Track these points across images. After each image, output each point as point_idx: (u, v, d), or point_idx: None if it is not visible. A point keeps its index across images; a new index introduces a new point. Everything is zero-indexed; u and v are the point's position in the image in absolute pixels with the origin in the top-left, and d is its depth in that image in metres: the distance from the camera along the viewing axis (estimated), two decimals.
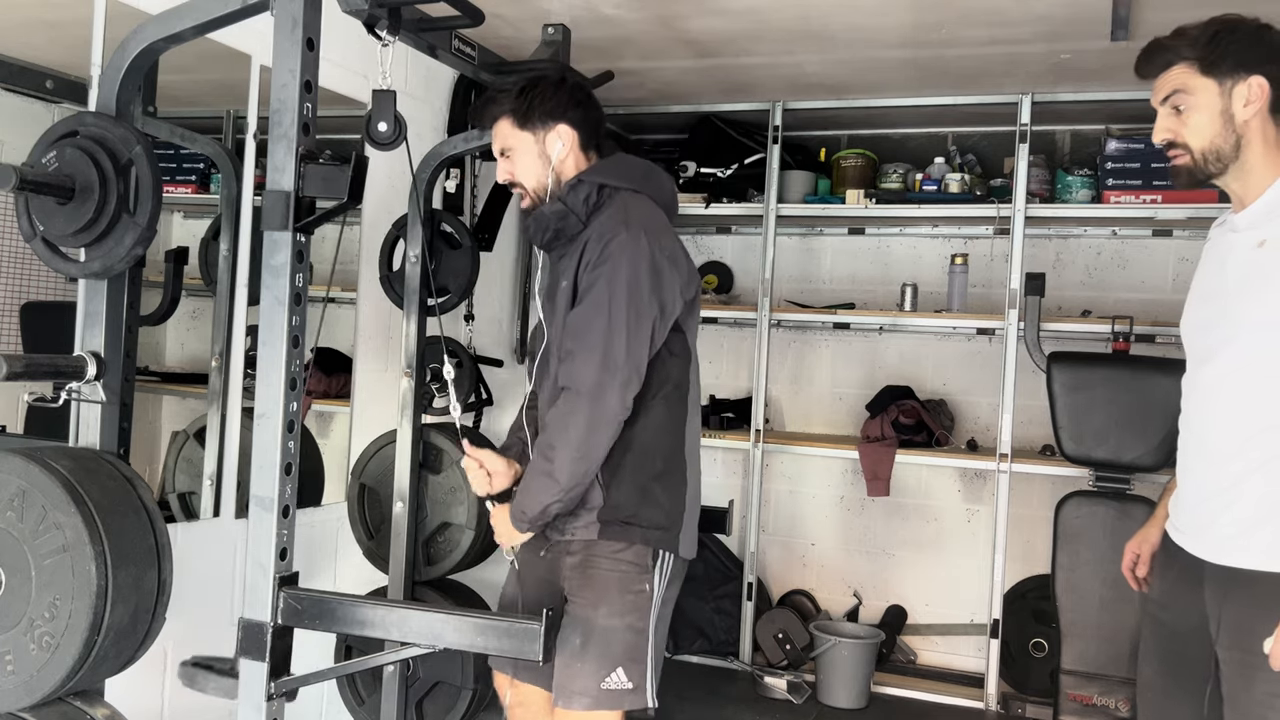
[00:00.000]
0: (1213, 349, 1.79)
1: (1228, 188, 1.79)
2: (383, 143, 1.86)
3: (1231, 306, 1.74)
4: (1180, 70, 1.75)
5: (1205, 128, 1.73)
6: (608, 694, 2.03)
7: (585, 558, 2.10)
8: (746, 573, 4.16)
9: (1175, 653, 1.85)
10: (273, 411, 1.68)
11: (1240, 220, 1.76)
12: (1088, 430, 3.45)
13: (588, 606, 2.06)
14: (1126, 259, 4.14)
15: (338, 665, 2.61)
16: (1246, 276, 1.72)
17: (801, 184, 4.22)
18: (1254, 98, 1.70)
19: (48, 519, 1.59)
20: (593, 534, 2.08)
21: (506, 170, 2.18)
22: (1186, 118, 1.75)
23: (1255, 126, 1.72)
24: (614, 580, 2.07)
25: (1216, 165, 1.75)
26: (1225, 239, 1.81)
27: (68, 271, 1.83)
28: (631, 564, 2.08)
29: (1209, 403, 1.79)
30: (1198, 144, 1.75)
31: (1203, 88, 1.73)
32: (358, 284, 3.12)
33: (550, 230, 2.11)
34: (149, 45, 1.79)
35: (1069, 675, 3.44)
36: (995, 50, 3.32)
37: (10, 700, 1.61)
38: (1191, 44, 1.74)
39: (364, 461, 2.89)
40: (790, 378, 4.63)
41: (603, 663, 2.03)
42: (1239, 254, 1.75)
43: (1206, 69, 1.72)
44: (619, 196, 2.11)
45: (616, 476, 2.08)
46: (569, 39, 2.75)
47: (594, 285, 2.00)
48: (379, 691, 2.81)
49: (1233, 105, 1.71)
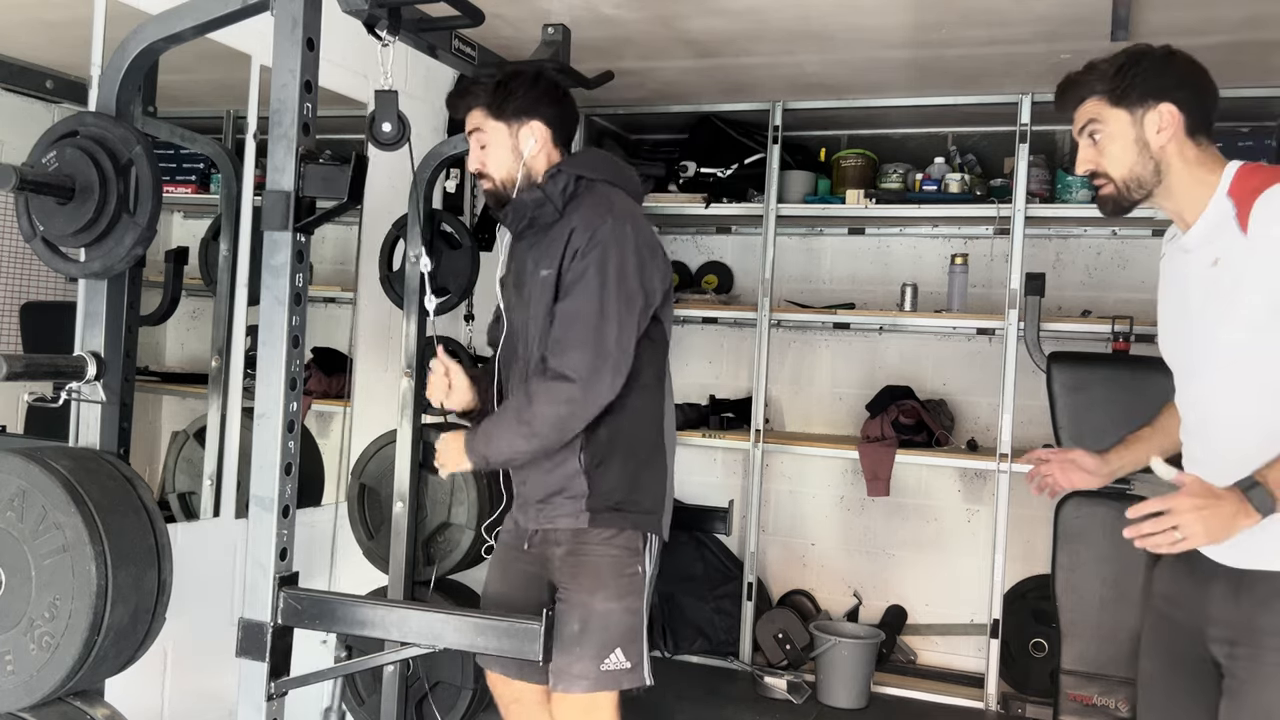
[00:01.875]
0: (1195, 366, 1.82)
1: (1164, 210, 1.84)
2: (386, 143, 1.87)
3: (1199, 327, 1.78)
4: (1093, 103, 1.80)
5: (1122, 156, 1.78)
6: (607, 675, 2.06)
7: (575, 546, 2.12)
8: (746, 573, 4.16)
9: (1180, 651, 1.85)
10: (273, 411, 1.69)
11: (1189, 240, 1.80)
12: (1088, 430, 3.45)
13: (584, 593, 2.08)
14: (1126, 259, 4.14)
15: (338, 665, 2.61)
16: (1208, 295, 1.75)
17: (801, 184, 4.22)
18: (1165, 124, 1.74)
19: (48, 519, 1.59)
20: (583, 522, 2.11)
21: (478, 159, 2.19)
22: (1104, 148, 1.79)
23: (1172, 151, 1.75)
24: (607, 565, 2.10)
25: (1139, 192, 1.79)
26: (1181, 258, 1.84)
27: (68, 271, 1.83)
28: (624, 548, 2.11)
29: (1207, 413, 1.82)
30: (1118, 173, 1.79)
31: (1114, 118, 1.77)
32: (357, 284, 3.12)
33: (527, 218, 2.15)
34: (149, 45, 1.79)
35: (1069, 675, 3.44)
36: (995, 50, 3.32)
37: (10, 700, 1.61)
38: (1100, 77, 1.79)
39: (364, 461, 2.89)
40: (790, 378, 4.63)
41: (602, 646, 2.06)
42: (1196, 273, 1.78)
43: (1116, 100, 1.77)
44: (597, 188, 2.15)
45: (605, 465, 2.12)
46: (569, 39, 2.75)
47: (585, 273, 2.03)
48: (379, 691, 2.81)
49: (1146, 133, 1.75)
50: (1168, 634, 1.90)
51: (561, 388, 2.01)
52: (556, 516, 2.13)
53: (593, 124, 4.50)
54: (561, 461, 2.11)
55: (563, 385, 2.01)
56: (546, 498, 2.14)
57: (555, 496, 2.13)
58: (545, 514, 2.15)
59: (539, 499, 2.16)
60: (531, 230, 2.16)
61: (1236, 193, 1.71)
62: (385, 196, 3.02)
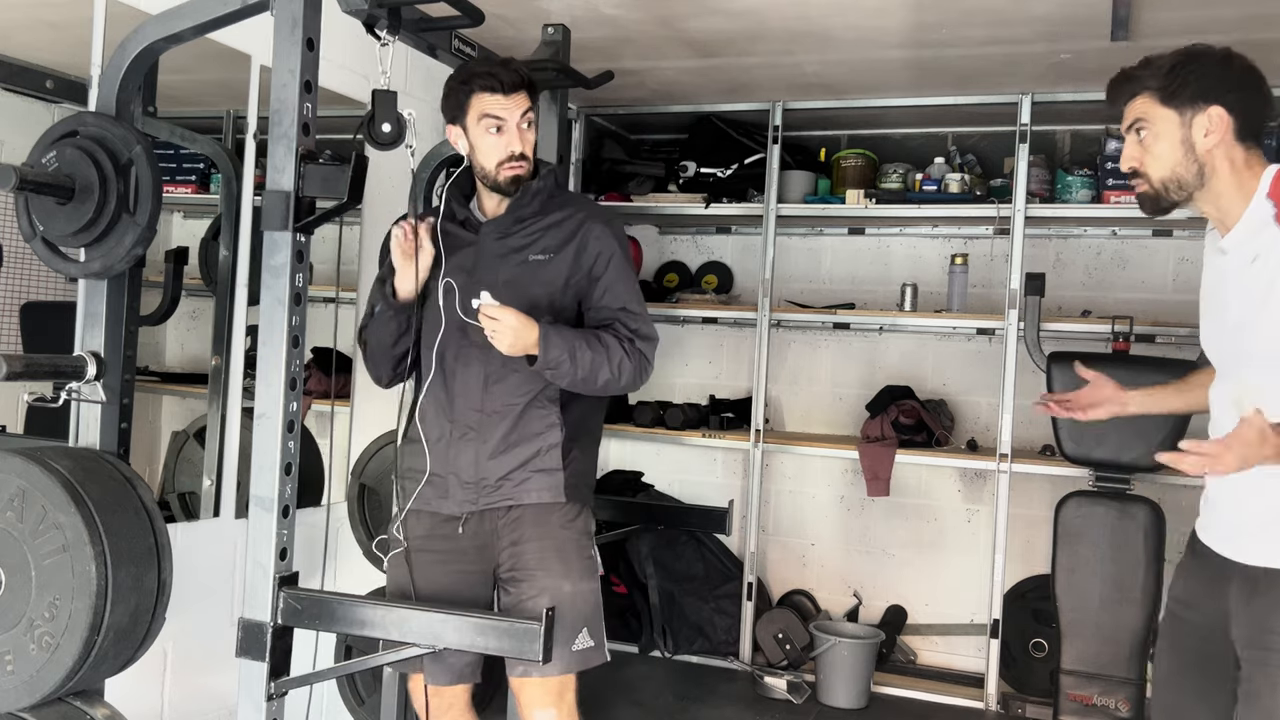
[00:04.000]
0: (1235, 361, 1.81)
1: (1203, 212, 1.82)
2: (384, 143, 1.87)
3: (1236, 325, 1.77)
4: (1143, 100, 1.78)
5: (1166, 157, 1.76)
6: (577, 654, 2.11)
7: (540, 529, 2.13)
8: (746, 573, 4.16)
9: (1196, 651, 1.85)
10: (273, 411, 1.69)
11: (1228, 243, 1.79)
12: (1088, 430, 3.44)
13: (555, 576, 2.12)
14: (1126, 259, 4.14)
15: (338, 665, 2.61)
16: (1246, 293, 1.74)
17: (801, 184, 4.22)
18: (1214, 128, 1.72)
19: (48, 519, 1.59)
20: (559, 496, 2.14)
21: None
22: (1149, 146, 1.78)
23: (1219, 155, 1.74)
24: (573, 548, 2.16)
25: (1179, 193, 1.78)
26: (1218, 260, 1.83)
27: (68, 271, 1.83)
28: (583, 531, 2.20)
29: (1235, 412, 1.80)
30: (1157, 174, 1.77)
31: (1163, 118, 1.75)
32: (358, 284, 3.12)
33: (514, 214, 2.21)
34: (149, 45, 1.80)
35: (1069, 675, 3.44)
36: (995, 50, 3.32)
37: (10, 700, 1.61)
38: (1154, 74, 1.76)
39: (364, 461, 2.89)
40: (790, 378, 4.63)
41: (574, 629, 2.11)
42: (1234, 272, 1.77)
43: (1166, 99, 1.75)
44: (567, 191, 2.29)
45: (580, 443, 2.20)
46: (569, 39, 2.75)
47: (612, 260, 2.18)
48: (379, 691, 2.81)
49: (1193, 135, 1.74)
50: (1181, 635, 1.90)
51: (646, 350, 2.15)
52: (525, 492, 2.13)
53: (593, 124, 4.50)
54: (536, 435, 2.14)
55: (646, 346, 2.16)
56: (510, 472, 2.13)
57: (524, 470, 2.14)
58: (505, 491, 2.13)
59: (501, 475, 2.13)
60: (504, 221, 2.19)
61: (1277, 194, 1.70)
62: (385, 196, 3.02)
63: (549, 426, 2.14)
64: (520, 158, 2.14)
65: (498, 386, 2.14)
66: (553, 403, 2.16)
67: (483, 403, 2.15)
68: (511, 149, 2.13)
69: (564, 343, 2.03)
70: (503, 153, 2.13)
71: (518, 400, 2.14)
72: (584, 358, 2.05)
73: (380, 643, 1.94)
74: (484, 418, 2.14)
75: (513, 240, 2.18)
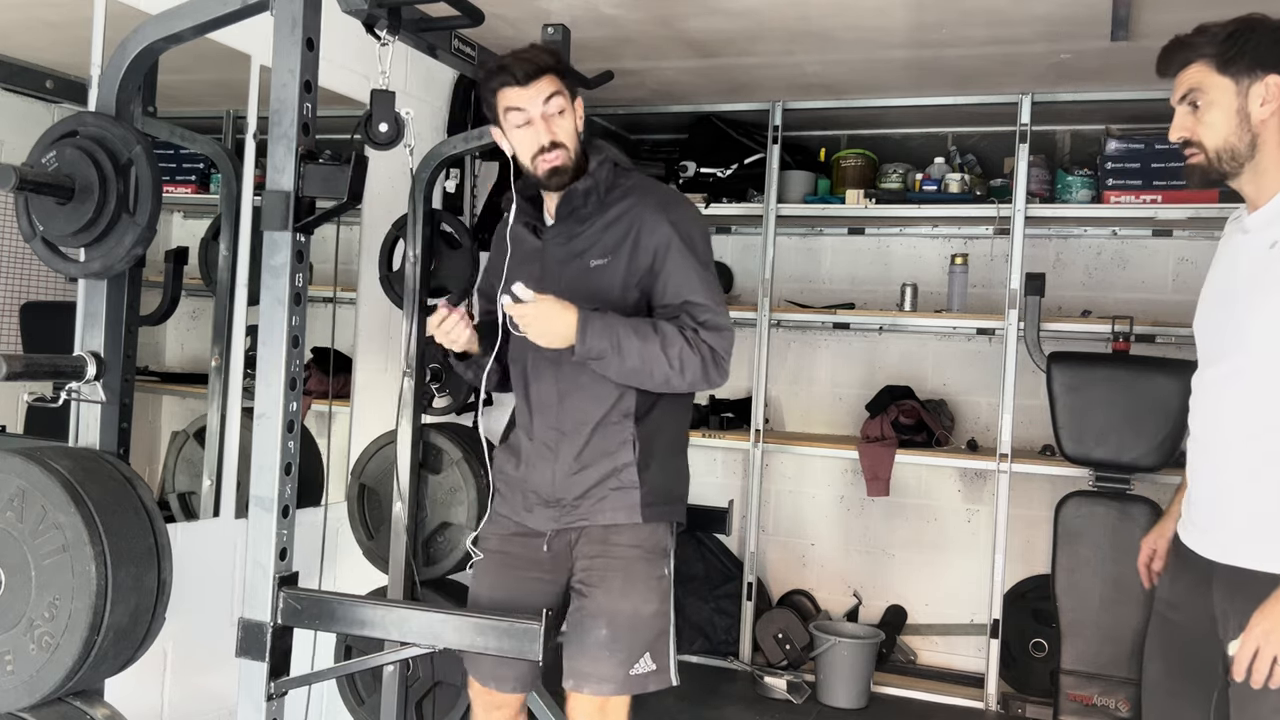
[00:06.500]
0: (1223, 350, 1.78)
1: (1241, 189, 1.78)
2: (382, 143, 1.87)
3: (1241, 308, 1.74)
4: (1197, 68, 1.73)
5: (1220, 126, 1.72)
6: (634, 679, 2.02)
7: (606, 548, 2.06)
8: (746, 573, 4.16)
9: (1184, 653, 1.84)
10: (273, 411, 1.68)
11: (1252, 221, 1.75)
12: (1088, 430, 3.45)
13: (614, 596, 2.03)
14: (1126, 259, 4.14)
15: (338, 665, 2.61)
16: (1257, 278, 1.71)
17: (801, 184, 4.22)
18: (1271, 97, 1.68)
19: (48, 519, 1.59)
20: (635, 517, 2.04)
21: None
22: (1202, 115, 1.73)
23: (1272, 126, 1.70)
24: (640, 567, 2.06)
25: (1231, 165, 1.73)
26: (1239, 238, 1.80)
27: (68, 271, 1.83)
28: (653, 550, 2.08)
29: (1217, 403, 1.79)
30: (1212, 142, 1.73)
31: (1218, 86, 1.71)
32: (358, 284, 3.12)
33: (572, 209, 2.09)
34: (149, 45, 1.79)
35: (1069, 675, 3.44)
36: (995, 50, 3.32)
37: (10, 700, 1.61)
38: (1210, 40, 1.72)
39: (364, 461, 2.89)
40: (790, 378, 4.63)
41: (632, 652, 2.02)
42: (1251, 255, 1.74)
43: (1223, 67, 1.71)
44: (633, 175, 2.13)
45: (658, 457, 2.09)
46: (569, 39, 2.75)
47: (669, 251, 2.03)
48: (379, 691, 2.81)
49: (1249, 104, 1.70)
50: (1168, 638, 1.89)
51: (722, 338, 2.00)
52: (600, 511, 2.06)
53: (593, 124, 4.50)
54: (610, 453, 2.05)
55: (722, 336, 2.01)
56: (588, 491, 2.06)
57: (601, 489, 2.06)
58: (582, 511, 2.07)
59: (577, 495, 2.07)
60: (567, 223, 2.10)
61: None
62: (385, 196, 3.02)
63: (622, 444, 2.05)
64: (553, 147, 2.01)
65: (571, 400, 2.07)
66: (627, 418, 2.06)
67: (559, 419, 2.09)
68: (540, 141, 2.01)
69: (606, 330, 1.90)
70: (534, 146, 2.01)
71: (592, 415, 2.06)
72: (631, 347, 1.91)
73: (383, 643, 1.94)
74: (560, 435, 2.09)
75: (576, 244, 2.09)
